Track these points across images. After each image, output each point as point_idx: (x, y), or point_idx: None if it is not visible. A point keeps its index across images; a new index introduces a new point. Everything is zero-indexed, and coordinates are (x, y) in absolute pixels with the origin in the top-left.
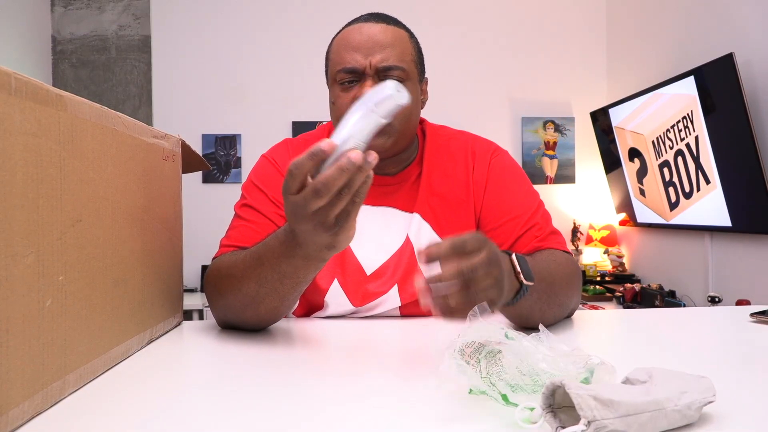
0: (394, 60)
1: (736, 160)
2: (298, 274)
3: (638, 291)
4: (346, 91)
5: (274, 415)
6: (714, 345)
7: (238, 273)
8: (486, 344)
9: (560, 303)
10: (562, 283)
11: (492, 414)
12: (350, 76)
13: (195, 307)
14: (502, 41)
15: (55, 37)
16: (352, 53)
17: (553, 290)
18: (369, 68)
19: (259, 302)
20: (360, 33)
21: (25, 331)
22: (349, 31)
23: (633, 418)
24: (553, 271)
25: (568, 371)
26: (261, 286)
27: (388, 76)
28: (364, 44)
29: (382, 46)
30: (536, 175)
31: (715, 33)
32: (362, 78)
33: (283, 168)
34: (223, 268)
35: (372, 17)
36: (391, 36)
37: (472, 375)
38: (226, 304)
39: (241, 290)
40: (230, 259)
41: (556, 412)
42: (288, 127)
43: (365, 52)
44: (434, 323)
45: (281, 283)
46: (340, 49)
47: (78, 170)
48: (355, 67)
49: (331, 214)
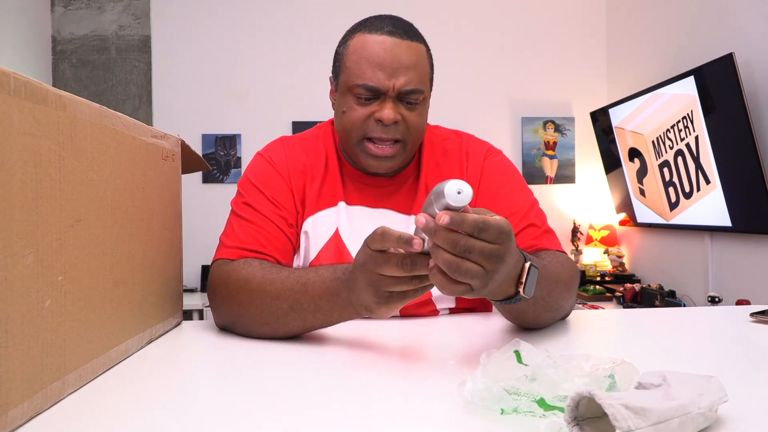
0: (415, 83)
1: (736, 160)
2: (332, 314)
3: (638, 291)
4: (363, 106)
5: (274, 415)
6: (714, 345)
7: (274, 291)
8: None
9: (557, 307)
10: (561, 288)
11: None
12: (370, 93)
13: (195, 307)
14: (502, 41)
15: (55, 37)
16: (375, 71)
17: (552, 296)
18: (392, 90)
19: (283, 324)
20: (384, 49)
21: (25, 331)
22: (372, 43)
23: (664, 425)
24: (558, 276)
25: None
26: (293, 310)
27: (407, 99)
28: (389, 64)
29: (406, 67)
30: (536, 175)
31: (715, 33)
32: (382, 97)
33: (280, 166)
34: (254, 280)
35: (395, 28)
36: (415, 56)
37: (500, 392)
38: (244, 314)
39: (270, 308)
40: (263, 275)
41: (581, 424)
42: (288, 127)
43: (389, 72)
44: (435, 323)
45: (314, 315)
46: (360, 61)
47: (77, 170)
48: (377, 87)
49: (392, 287)
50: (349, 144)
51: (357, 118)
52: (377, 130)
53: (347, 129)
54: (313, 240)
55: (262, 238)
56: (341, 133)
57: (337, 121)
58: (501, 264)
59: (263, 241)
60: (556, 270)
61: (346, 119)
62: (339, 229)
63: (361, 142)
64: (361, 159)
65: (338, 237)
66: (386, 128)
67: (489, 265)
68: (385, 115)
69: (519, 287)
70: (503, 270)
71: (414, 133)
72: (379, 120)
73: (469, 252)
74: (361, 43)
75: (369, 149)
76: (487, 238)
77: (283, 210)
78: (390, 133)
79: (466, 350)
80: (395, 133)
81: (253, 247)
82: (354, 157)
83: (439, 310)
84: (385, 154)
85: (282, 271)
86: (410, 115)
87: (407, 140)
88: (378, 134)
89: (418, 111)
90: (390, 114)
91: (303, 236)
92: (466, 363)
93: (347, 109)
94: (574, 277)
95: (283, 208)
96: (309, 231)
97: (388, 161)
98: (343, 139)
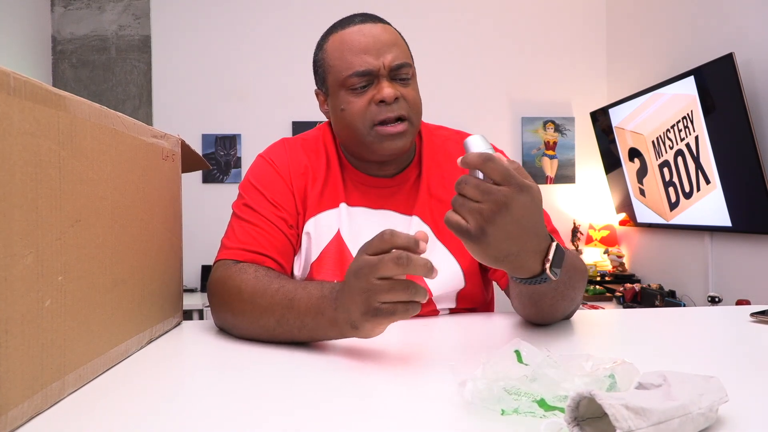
0: (403, 57)
1: (736, 160)
2: (317, 332)
3: (638, 291)
4: (360, 95)
5: (274, 415)
6: (714, 345)
7: (264, 304)
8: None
9: (572, 297)
10: (578, 278)
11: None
12: (363, 79)
13: (195, 307)
14: (502, 41)
15: (55, 37)
16: (362, 56)
17: (570, 284)
18: (383, 68)
19: (273, 337)
20: (363, 35)
21: (25, 331)
22: (349, 35)
23: (665, 425)
24: (576, 265)
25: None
26: (279, 326)
27: (399, 74)
28: (372, 45)
29: (389, 45)
30: (536, 175)
31: (715, 33)
32: (376, 80)
33: (281, 168)
34: (245, 291)
35: (365, 17)
36: (393, 34)
37: (500, 392)
38: (236, 323)
39: (259, 321)
40: (254, 285)
41: (581, 424)
42: (288, 127)
43: (375, 53)
44: (435, 323)
45: (300, 331)
46: (344, 54)
47: (77, 170)
48: (369, 69)
49: (385, 296)
50: (358, 138)
51: (359, 109)
52: (382, 111)
53: (352, 123)
54: (315, 241)
55: (262, 239)
56: (345, 132)
57: (338, 123)
58: (502, 209)
59: (263, 242)
60: (575, 259)
61: (348, 114)
62: (341, 230)
63: (372, 129)
64: (375, 147)
65: (340, 238)
66: (390, 106)
67: (486, 205)
68: (386, 93)
69: (546, 264)
70: (505, 219)
71: (414, 108)
72: (381, 101)
73: (465, 183)
74: (338, 40)
75: (382, 131)
76: (491, 175)
77: (283, 211)
78: (395, 111)
79: (466, 350)
80: (399, 110)
81: (252, 248)
82: (366, 151)
83: (439, 310)
84: (398, 131)
85: (273, 283)
86: (407, 91)
87: (411, 116)
88: (384, 115)
89: (411, 86)
90: (390, 91)
91: (305, 237)
92: (466, 363)
93: (345, 105)
94: (586, 270)
95: (284, 210)
96: (311, 232)
97: (401, 140)
98: (349, 136)
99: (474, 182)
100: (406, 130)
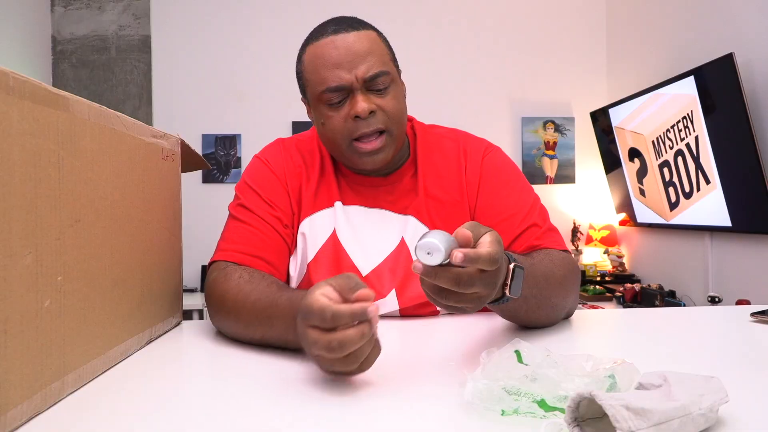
0: (378, 66)
1: (736, 160)
2: (300, 345)
3: (638, 291)
4: (336, 110)
5: (273, 414)
6: (714, 345)
7: (247, 319)
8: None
9: (551, 305)
10: (555, 286)
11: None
12: (338, 94)
13: (195, 307)
14: (502, 41)
15: (55, 37)
16: (334, 71)
17: (544, 294)
18: (356, 82)
19: (262, 344)
20: (335, 47)
21: (24, 331)
22: (322, 48)
23: (665, 426)
24: (548, 274)
25: (596, 377)
26: (265, 340)
27: (375, 85)
28: (344, 58)
29: (362, 56)
30: (536, 175)
31: (715, 33)
32: (351, 93)
33: (276, 168)
34: (228, 300)
35: (338, 26)
36: (367, 42)
37: (500, 393)
38: (224, 327)
39: (245, 331)
40: (236, 295)
41: (582, 425)
42: (288, 127)
43: (347, 67)
44: (435, 324)
45: (285, 345)
46: (317, 69)
47: (77, 170)
48: (341, 84)
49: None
50: (339, 151)
51: (336, 124)
52: (359, 126)
53: (332, 138)
54: (310, 241)
55: (256, 240)
56: (328, 145)
57: (321, 135)
58: (493, 286)
59: (257, 243)
60: (547, 268)
61: (327, 129)
62: (336, 229)
63: (350, 145)
64: (355, 160)
65: (335, 238)
66: (366, 121)
67: (485, 290)
68: (359, 108)
69: (505, 288)
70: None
71: (395, 118)
72: (356, 116)
73: (469, 284)
74: (312, 53)
75: (359, 148)
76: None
77: (278, 210)
78: (372, 126)
79: (466, 350)
80: (377, 124)
81: (246, 249)
82: (348, 162)
83: (439, 310)
84: (374, 148)
85: (252, 294)
86: (384, 101)
87: (391, 128)
88: (360, 131)
89: (391, 95)
90: (363, 105)
91: (300, 237)
92: (466, 363)
93: (324, 120)
94: (568, 275)
95: (279, 209)
96: (306, 232)
97: (381, 154)
98: (331, 149)
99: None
100: (385, 144)
